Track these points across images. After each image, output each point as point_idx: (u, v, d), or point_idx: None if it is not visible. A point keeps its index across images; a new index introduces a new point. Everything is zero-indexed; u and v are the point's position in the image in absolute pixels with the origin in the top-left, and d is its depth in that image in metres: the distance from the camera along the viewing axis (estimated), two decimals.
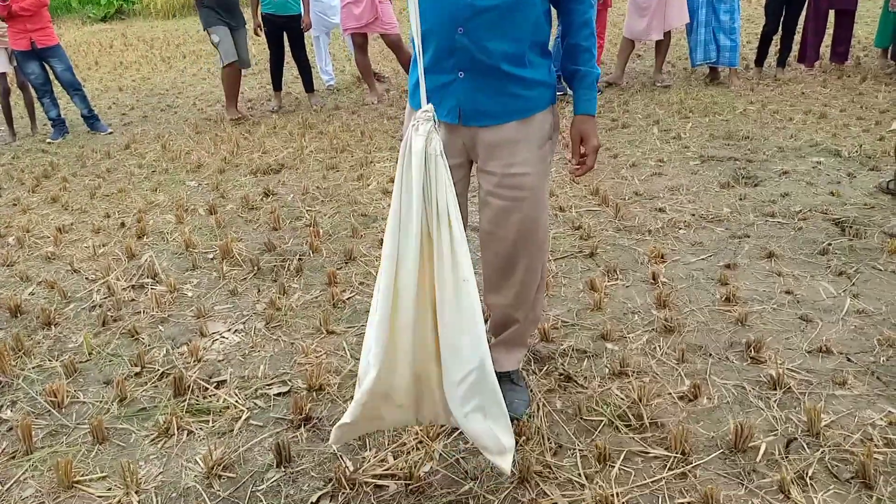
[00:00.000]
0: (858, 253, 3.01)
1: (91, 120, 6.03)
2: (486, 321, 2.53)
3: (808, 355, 2.32)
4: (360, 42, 6.12)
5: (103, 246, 3.59)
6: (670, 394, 2.16)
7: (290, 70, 6.93)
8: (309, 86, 6.42)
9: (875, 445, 1.88)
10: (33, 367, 2.55)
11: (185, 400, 2.29)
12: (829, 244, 3.08)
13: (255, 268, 3.22)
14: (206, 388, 2.36)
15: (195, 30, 13.50)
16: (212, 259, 3.37)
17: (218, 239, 3.57)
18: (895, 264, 2.89)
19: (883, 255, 2.97)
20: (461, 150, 1.87)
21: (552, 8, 1.83)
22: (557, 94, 1.92)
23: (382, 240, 3.37)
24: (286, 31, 6.12)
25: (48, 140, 5.89)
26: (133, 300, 3.01)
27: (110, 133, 5.99)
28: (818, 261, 2.97)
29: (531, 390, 2.20)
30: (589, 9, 1.77)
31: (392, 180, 4.21)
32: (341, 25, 6.19)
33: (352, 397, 2.23)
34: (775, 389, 2.15)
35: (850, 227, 3.23)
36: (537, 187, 1.86)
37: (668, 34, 6.20)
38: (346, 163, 4.70)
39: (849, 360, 2.29)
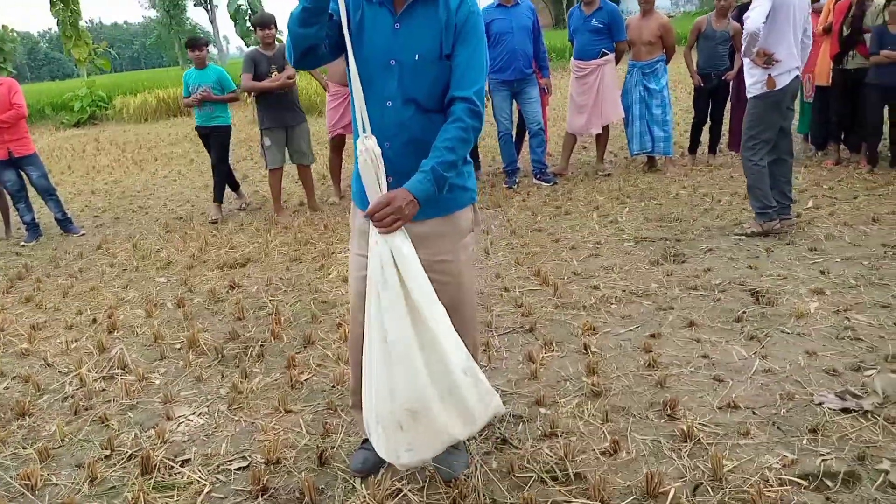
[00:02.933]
0: (769, 319, 3.34)
1: (64, 223, 6.29)
2: None
3: (718, 411, 2.60)
4: (337, 143, 6.55)
5: (75, 341, 3.79)
6: (594, 450, 2.41)
7: (258, 172, 7.28)
8: (218, 195, 6.47)
9: (769, 485, 2.14)
10: (8, 455, 2.71)
11: (151, 478, 2.47)
12: (744, 312, 3.42)
13: (220, 355, 3.44)
14: (172, 467, 2.54)
15: (167, 133, 14.05)
16: (179, 349, 3.58)
17: (185, 330, 3.80)
18: (801, 327, 3.23)
19: (791, 319, 3.31)
20: None
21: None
22: (508, 187, 2.24)
23: (339, 323, 3.62)
24: (212, 140, 6.36)
25: (22, 243, 6.12)
26: (104, 390, 3.20)
27: (83, 235, 6.24)
28: (733, 327, 3.29)
29: (470, 453, 2.43)
30: (459, 129, 1.98)
31: None
32: (327, 124, 6.57)
33: (307, 469, 2.45)
34: (686, 442, 2.41)
35: (764, 295, 3.57)
36: (460, 272, 2.19)
37: (606, 127, 6.75)
38: (309, 255, 5.00)
39: (753, 413, 2.57)
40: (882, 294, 3.51)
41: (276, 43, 5.96)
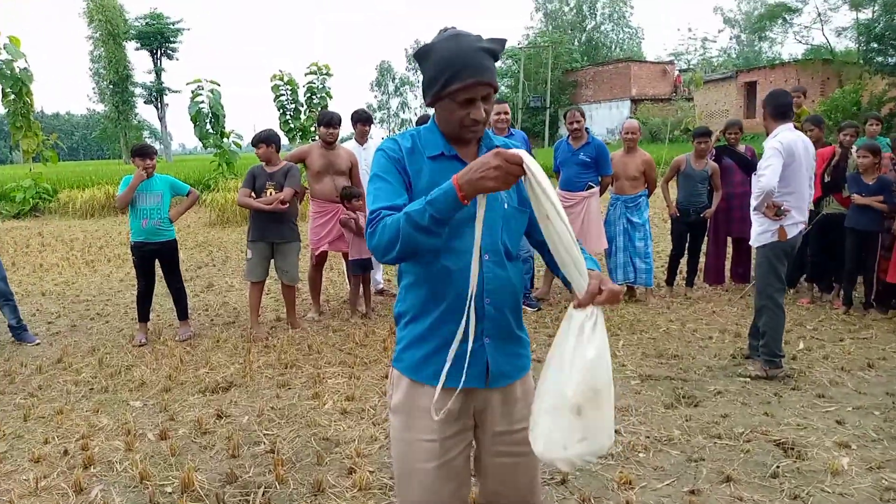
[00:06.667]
0: (806, 476, 3.23)
1: (18, 331, 5.80)
2: None
3: None
4: (320, 260, 6.37)
5: (45, 478, 3.35)
6: None
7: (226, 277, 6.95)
8: (183, 314, 5.97)
9: None
10: None
11: None
12: (778, 467, 3.30)
13: (220, 503, 3.08)
14: None
15: (117, 231, 13.55)
16: (170, 493, 3.20)
17: (173, 469, 3.42)
18: (840, 486, 3.13)
19: (827, 476, 3.21)
20: (470, 414, 1.93)
21: None
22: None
23: (351, 469, 3.34)
24: (159, 259, 5.78)
25: None
26: None
27: (37, 344, 5.75)
28: (772, 484, 3.17)
29: None
30: None
31: (348, 398, 4.25)
32: (310, 240, 6.37)
33: None
34: None
35: (792, 448, 3.49)
36: None
37: None
38: (297, 379, 4.69)
39: None
40: None
41: (281, 161, 5.84)
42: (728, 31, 58.44)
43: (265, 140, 5.73)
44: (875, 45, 23.16)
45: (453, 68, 1.79)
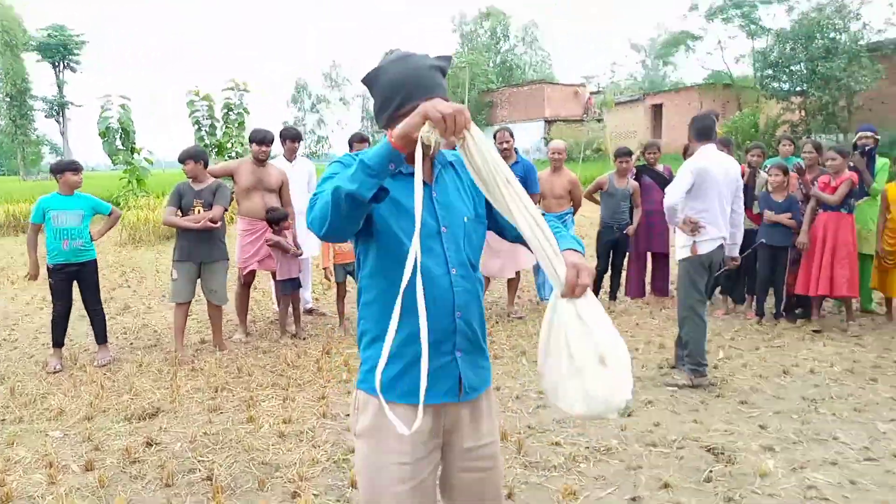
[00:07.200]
0: (737, 479, 3.39)
1: None
2: None
3: None
4: (248, 279, 6.19)
5: None
6: None
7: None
8: (101, 337, 5.67)
9: None
10: None
11: None
12: (711, 471, 3.45)
13: None
14: None
15: (18, 251, 12.75)
16: None
17: (103, 501, 3.24)
18: (769, 487, 3.30)
19: (756, 479, 3.38)
20: (440, 432, 1.91)
21: None
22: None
23: (295, 492, 3.28)
24: (78, 280, 5.50)
25: None
26: None
27: None
28: (706, 488, 3.31)
29: None
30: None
31: (284, 421, 4.16)
32: (238, 258, 6.19)
33: None
34: None
35: (722, 453, 3.65)
36: (499, 455, 2.03)
37: (518, 272, 6.93)
38: (229, 403, 4.55)
39: None
40: (826, 451, 3.69)
41: (209, 178, 5.66)
42: (634, 56, 60.98)
43: (193, 156, 5.56)
44: (770, 72, 24.67)
45: (406, 89, 1.83)
